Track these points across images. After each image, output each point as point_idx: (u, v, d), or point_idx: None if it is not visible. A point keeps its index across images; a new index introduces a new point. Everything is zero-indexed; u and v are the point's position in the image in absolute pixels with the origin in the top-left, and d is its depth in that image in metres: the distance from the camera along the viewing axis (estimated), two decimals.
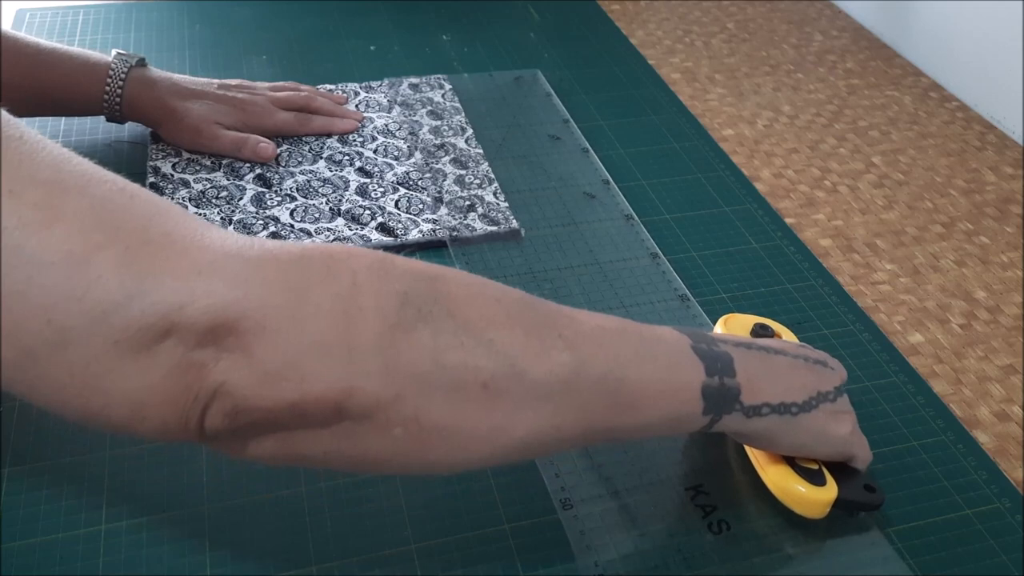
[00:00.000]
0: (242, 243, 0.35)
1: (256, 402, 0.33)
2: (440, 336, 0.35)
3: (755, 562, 0.46)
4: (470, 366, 0.36)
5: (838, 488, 0.46)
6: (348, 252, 0.36)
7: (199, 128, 0.70)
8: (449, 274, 0.38)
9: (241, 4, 0.96)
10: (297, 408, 0.34)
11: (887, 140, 0.87)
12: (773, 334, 0.53)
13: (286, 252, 0.35)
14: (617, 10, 1.07)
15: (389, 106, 0.79)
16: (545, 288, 0.62)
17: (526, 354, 0.37)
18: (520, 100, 0.82)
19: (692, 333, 0.43)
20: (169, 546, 0.46)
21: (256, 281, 0.33)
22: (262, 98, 0.73)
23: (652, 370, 0.40)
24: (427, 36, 0.93)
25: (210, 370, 0.33)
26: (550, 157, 0.75)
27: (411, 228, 0.65)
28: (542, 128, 0.79)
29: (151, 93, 0.69)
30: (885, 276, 0.70)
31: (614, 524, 0.47)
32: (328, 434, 0.35)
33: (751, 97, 0.92)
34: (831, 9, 1.11)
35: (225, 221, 0.64)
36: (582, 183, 0.72)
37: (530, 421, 0.37)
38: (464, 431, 0.36)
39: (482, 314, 0.37)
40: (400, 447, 0.36)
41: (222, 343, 0.33)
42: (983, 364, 0.62)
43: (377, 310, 0.34)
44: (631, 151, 0.77)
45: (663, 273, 0.64)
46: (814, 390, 0.45)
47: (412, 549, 0.46)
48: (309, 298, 0.34)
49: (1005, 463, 0.54)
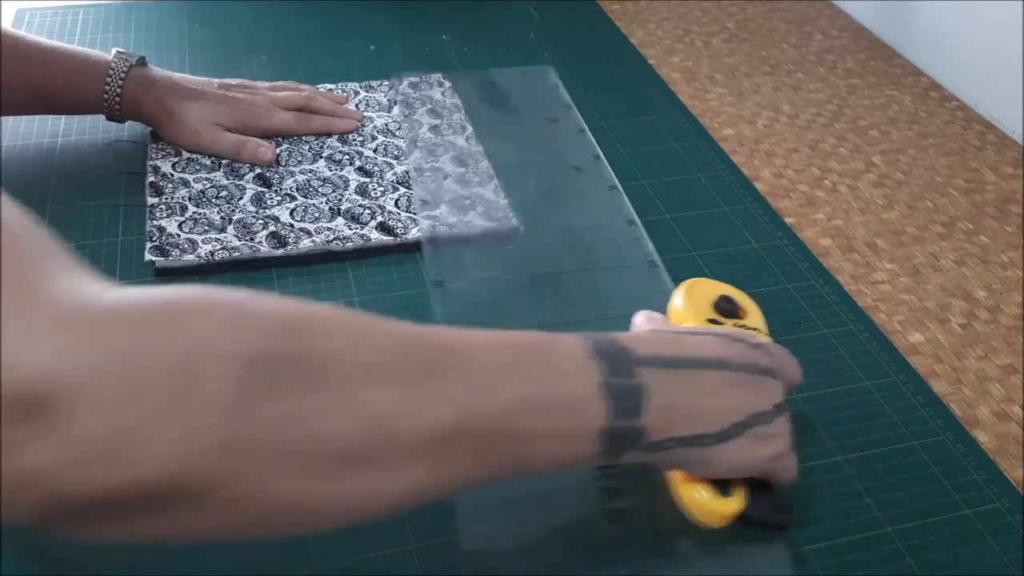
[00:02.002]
0: (87, 300, 0.31)
1: (72, 488, 0.29)
2: (296, 401, 0.32)
3: (646, 551, 0.45)
4: (330, 433, 0.32)
5: (746, 502, 0.44)
6: (202, 309, 0.32)
7: (198, 129, 0.69)
8: (318, 323, 0.34)
9: (241, 4, 0.96)
10: (122, 492, 0.30)
11: (887, 140, 0.87)
12: (737, 308, 0.50)
13: (133, 310, 0.31)
14: (617, 10, 1.07)
15: (389, 105, 0.79)
16: (546, 291, 0.62)
17: (397, 413, 0.34)
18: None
19: (612, 358, 0.39)
20: (169, 546, 0.46)
21: (86, 349, 0.29)
22: (262, 98, 0.73)
23: (547, 418, 0.37)
24: (427, 36, 0.93)
25: (18, 452, 0.28)
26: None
27: (411, 227, 0.65)
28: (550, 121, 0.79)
29: (150, 93, 0.69)
30: (885, 276, 0.70)
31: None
32: (165, 516, 0.31)
33: (751, 97, 0.92)
34: (831, 9, 1.11)
35: (225, 221, 0.64)
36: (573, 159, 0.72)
37: (402, 481, 0.35)
38: (324, 503, 0.33)
39: (352, 369, 0.33)
40: (252, 522, 0.33)
41: (33, 421, 0.28)
42: (983, 364, 0.62)
43: (221, 378, 0.30)
44: (631, 151, 0.77)
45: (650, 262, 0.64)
46: (744, 412, 0.42)
47: (412, 549, 0.46)
48: (142, 368, 0.30)
49: (1005, 463, 0.54)
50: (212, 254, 0.61)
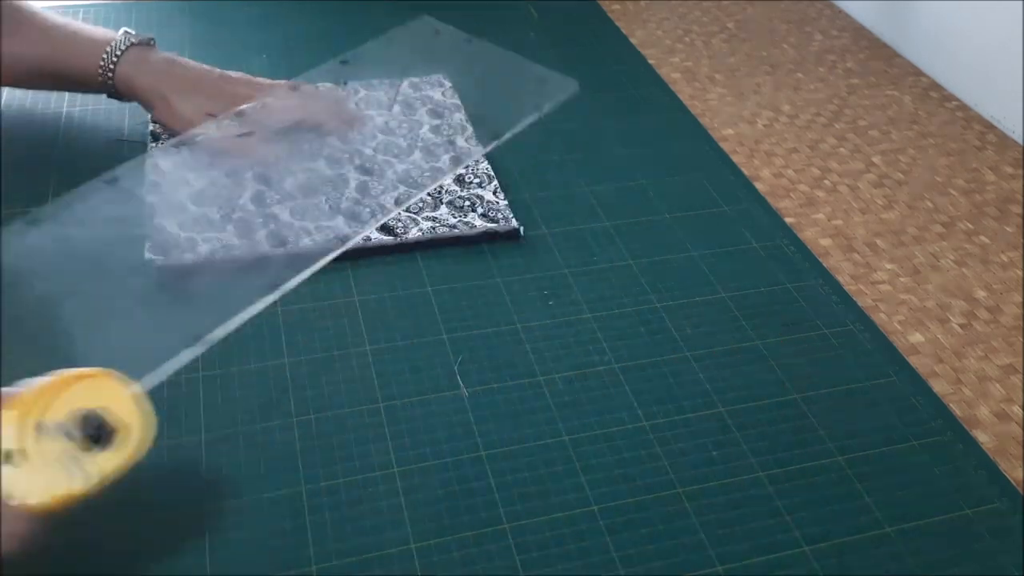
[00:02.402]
0: None
1: None
2: None
3: None
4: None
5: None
6: None
7: (191, 119, 0.70)
8: None
9: (241, 4, 0.96)
10: None
11: (887, 140, 0.87)
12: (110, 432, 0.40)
13: None
14: (617, 10, 1.07)
15: (389, 104, 0.79)
16: (545, 293, 0.62)
17: None
18: None
19: None
20: (169, 546, 0.46)
21: None
22: (260, 97, 0.72)
23: None
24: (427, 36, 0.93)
25: None
26: None
27: (411, 227, 0.65)
28: None
29: (146, 74, 0.69)
30: (885, 276, 0.70)
31: None
32: None
33: (751, 97, 0.92)
34: (831, 9, 1.11)
35: (225, 219, 0.64)
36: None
37: None
38: None
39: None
40: None
41: None
42: (983, 364, 0.62)
43: None
44: (631, 151, 0.77)
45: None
46: None
47: (412, 549, 0.46)
48: None
49: (1005, 463, 0.54)
50: (212, 253, 0.61)
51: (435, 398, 0.54)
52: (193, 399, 0.53)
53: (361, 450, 0.51)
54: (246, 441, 0.51)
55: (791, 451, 0.52)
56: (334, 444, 0.51)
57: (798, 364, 0.58)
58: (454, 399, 0.54)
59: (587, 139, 0.78)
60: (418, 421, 0.53)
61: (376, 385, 0.55)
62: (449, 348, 0.57)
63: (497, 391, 0.55)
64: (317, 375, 0.55)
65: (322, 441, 0.51)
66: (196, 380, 0.54)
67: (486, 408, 0.54)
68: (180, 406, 0.53)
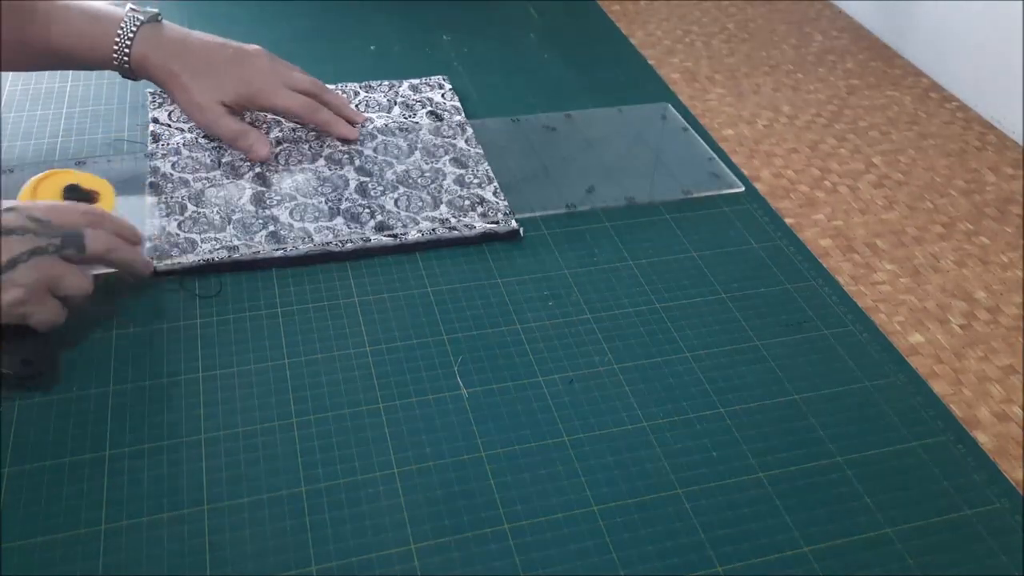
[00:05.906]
0: None
1: None
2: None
3: None
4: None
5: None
6: None
7: (203, 106, 0.69)
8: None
9: (240, 4, 0.96)
10: None
11: (887, 140, 0.87)
12: (89, 194, 0.53)
13: None
14: (617, 10, 1.07)
15: (389, 106, 0.79)
16: (545, 293, 0.62)
17: None
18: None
19: None
20: (169, 546, 0.46)
21: None
22: (273, 75, 0.72)
23: None
24: (427, 36, 0.93)
25: None
26: None
27: (411, 227, 0.65)
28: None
29: (159, 54, 0.69)
30: (885, 276, 0.70)
31: None
32: None
33: (751, 97, 0.92)
34: (831, 9, 1.11)
35: (224, 220, 0.64)
36: None
37: None
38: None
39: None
40: None
41: None
42: (983, 364, 0.62)
43: None
44: None
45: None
46: None
47: (412, 549, 0.46)
48: None
49: (1005, 463, 0.54)
50: (211, 253, 0.61)
51: (435, 398, 0.54)
52: (193, 399, 0.53)
53: (361, 450, 0.51)
54: (246, 441, 0.51)
55: (791, 451, 0.52)
56: (334, 444, 0.51)
57: (798, 364, 0.58)
58: (454, 399, 0.54)
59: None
60: (418, 421, 0.53)
61: (376, 385, 0.55)
62: (449, 348, 0.57)
63: (497, 391, 0.55)
64: (317, 375, 0.55)
65: (322, 441, 0.51)
66: (196, 380, 0.54)
67: (486, 408, 0.54)
68: (180, 406, 0.53)
